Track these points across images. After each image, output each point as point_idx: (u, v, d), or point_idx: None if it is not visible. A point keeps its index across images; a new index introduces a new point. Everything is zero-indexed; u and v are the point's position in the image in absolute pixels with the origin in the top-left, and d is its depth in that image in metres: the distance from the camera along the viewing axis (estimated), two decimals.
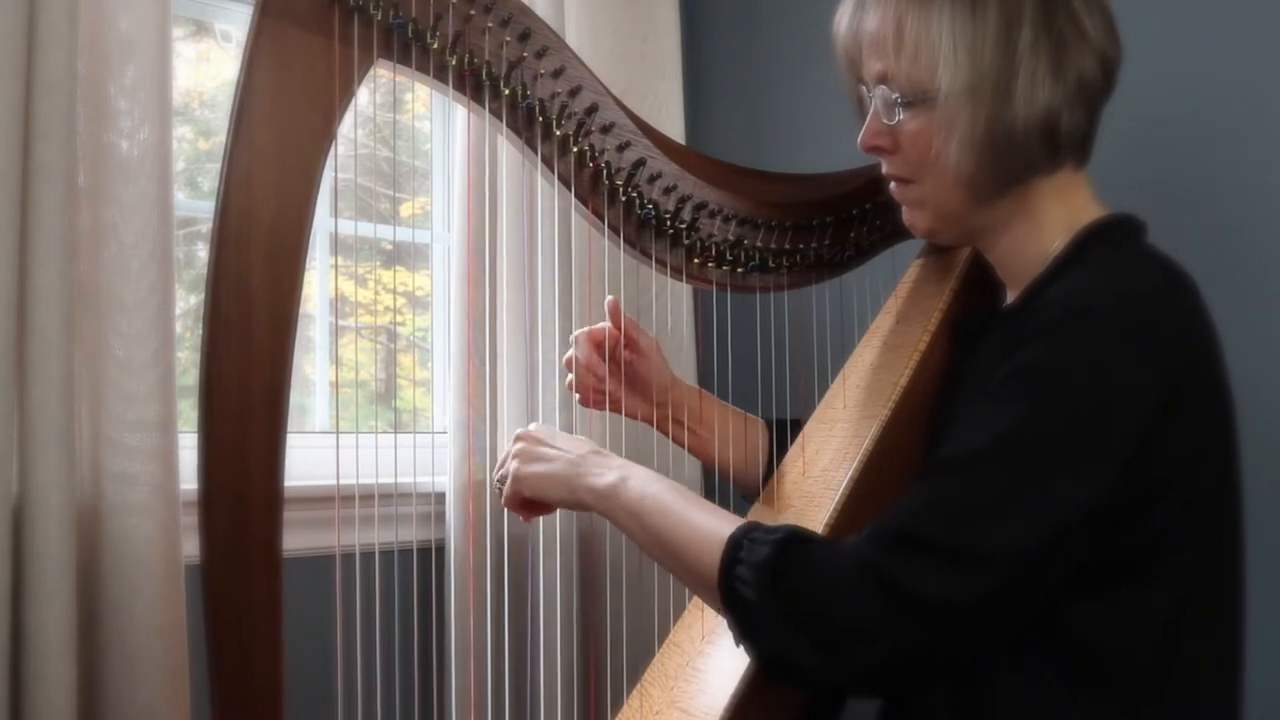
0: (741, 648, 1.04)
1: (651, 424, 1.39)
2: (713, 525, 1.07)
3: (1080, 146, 1.09)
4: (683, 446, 1.41)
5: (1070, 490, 0.95)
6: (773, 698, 1.08)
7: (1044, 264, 1.09)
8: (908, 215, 1.16)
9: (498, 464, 1.24)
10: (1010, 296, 1.15)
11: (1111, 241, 1.08)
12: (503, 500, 1.22)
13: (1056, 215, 1.10)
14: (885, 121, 1.10)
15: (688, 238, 1.26)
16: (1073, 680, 1.00)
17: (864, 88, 1.13)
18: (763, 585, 1.00)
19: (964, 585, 0.95)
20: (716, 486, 1.40)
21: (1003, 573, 0.95)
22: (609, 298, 1.34)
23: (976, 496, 0.97)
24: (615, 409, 1.35)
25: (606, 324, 1.34)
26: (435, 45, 1.11)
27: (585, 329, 1.36)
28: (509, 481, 1.20)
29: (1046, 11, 1.05)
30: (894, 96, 1.08)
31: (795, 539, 1.02)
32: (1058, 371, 0.98)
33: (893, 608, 0.96)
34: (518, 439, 1.21)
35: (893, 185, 1.16)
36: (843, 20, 1.13)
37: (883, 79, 1.09)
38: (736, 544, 1.03)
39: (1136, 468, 0.96)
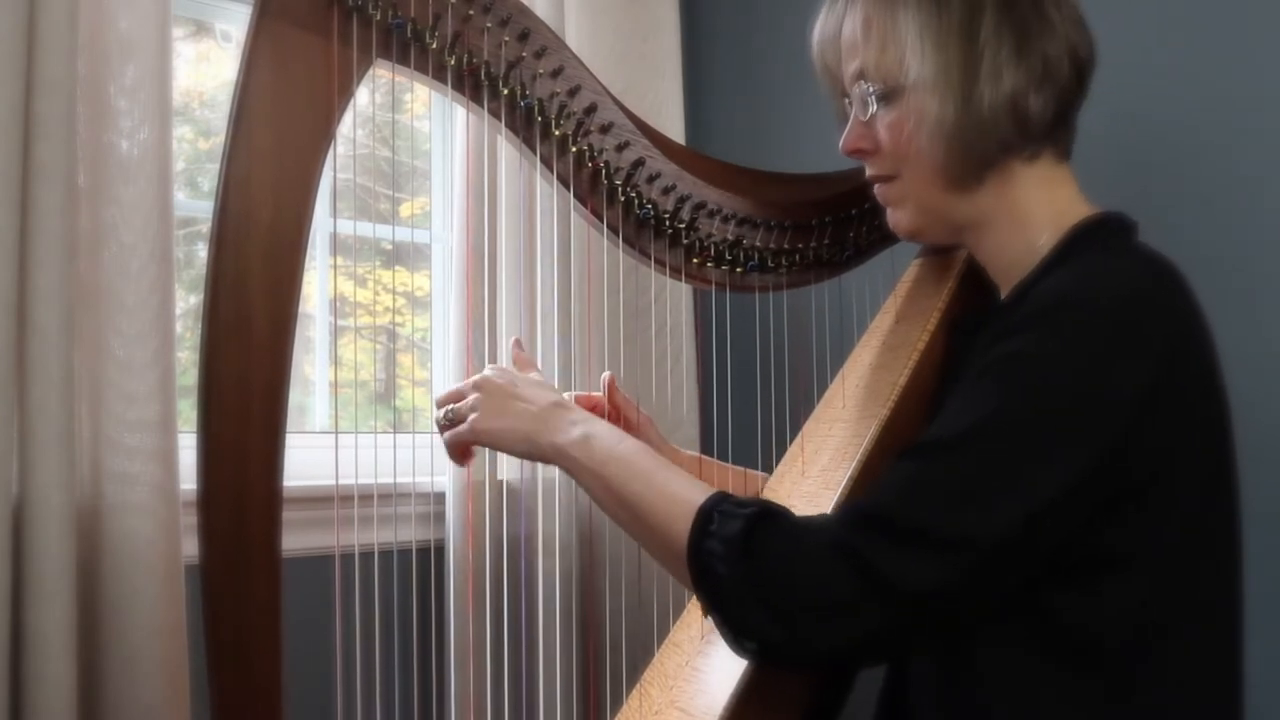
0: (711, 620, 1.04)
1: None
2: (683, 493, 1.05)
3: (1054, 134, 1.11)
4: None
5: (1045, 476, 0.95)
6: (772, 697, 1.08)
7: (1033, 262, 1.09)
8: (891, 216, 1.18)
9: (446, 396, 1.20)
10: (1003, 296, 1.15)
11: (1100, 239, 1.08)
12: (445, 437, 1.18)
13: (1041, 209, 1.11)
14: (861, 116, 1.13)
15: (687, 237, 1.26)
16: (1058, 661, 1.00)
17: (846, 100, 1.16)
18: (733, 560, 0.99)
19: (934, 570, 0.95)
20: None
21: (974, 558, 0.96)
22: (606, 373, 1.33)
23: (951, 481, 0.97)
24: None
25: (601, 395, 1.33)
26: (434, 45, 1.11)
27: (583, 394, 1.33)
28: (467, 430, 1.16)
29: (1008, 2, 1.08)
30: (868, 89, 1.12)
31: (767, 513, 1.01)
32: (1036, 359, 0.98)
33: (862, 589, 0.96)
34: (479, 386, 1.17)
35: (876, 187, 1.18)
36: (817, 31, 1.18)
37: (858, 76, 1.13)
38: (707, 516, 1.02)
39: (1117, 457, 0.96)
